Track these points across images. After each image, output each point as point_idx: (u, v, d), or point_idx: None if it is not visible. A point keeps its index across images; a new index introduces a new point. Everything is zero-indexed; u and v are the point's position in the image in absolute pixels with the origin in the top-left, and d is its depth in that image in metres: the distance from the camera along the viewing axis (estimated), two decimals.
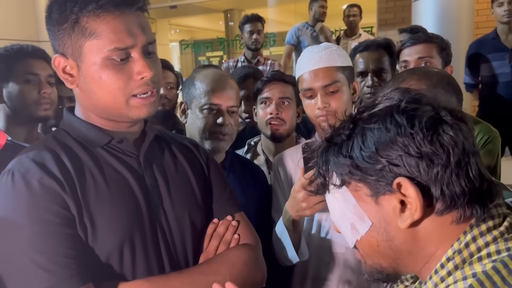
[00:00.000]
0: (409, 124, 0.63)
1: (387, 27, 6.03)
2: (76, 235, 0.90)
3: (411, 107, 0.64)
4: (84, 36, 0.91)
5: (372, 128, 0.65)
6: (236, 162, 1.62)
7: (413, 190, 0.62)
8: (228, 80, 1.56)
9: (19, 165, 0.92)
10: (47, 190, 0.89)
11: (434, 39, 1.95)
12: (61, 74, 0.96)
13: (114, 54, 0.91)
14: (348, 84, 1.45)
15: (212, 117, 1.50)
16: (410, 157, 0.62)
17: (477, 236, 0.63)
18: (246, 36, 3.82)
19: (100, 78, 0.92)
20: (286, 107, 1.79)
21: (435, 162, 0.62)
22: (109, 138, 1.00)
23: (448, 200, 0.62)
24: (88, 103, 0.99)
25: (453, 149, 0.61)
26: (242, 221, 1.14)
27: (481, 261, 0.61)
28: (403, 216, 0.65)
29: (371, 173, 0.65)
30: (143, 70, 0.93)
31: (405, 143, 0.62)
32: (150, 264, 0.99)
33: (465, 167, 0.62)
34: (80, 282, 0.87)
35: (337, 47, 1.48)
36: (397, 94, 0.67)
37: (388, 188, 0.64)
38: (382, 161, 0.64)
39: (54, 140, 0.99)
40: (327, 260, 1.44)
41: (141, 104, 0.96)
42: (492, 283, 0.58)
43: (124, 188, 0.97)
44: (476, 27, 4.72)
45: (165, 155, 1.09)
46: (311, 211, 1.26)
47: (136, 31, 0.93)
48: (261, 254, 1.12)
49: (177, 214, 1.04)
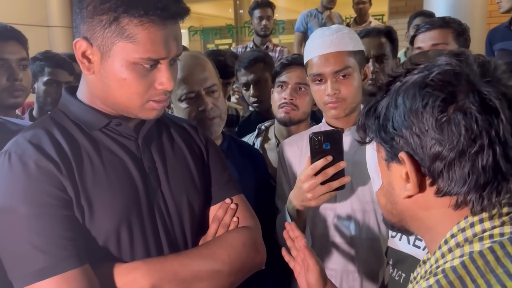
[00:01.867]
0: (423, 102, 0.62)
1: (398, 15, 5.95)
2: (73, 217, 0.90)
3: (436, 84, 0.62)
4: (120, 36, 0.89)
5: (395, 99, 0.66)
6: (233, 146, 1.60)
7: (410, 166, 0.64)
8: (197, 61, 1.48)
9: (16, 146, 0.91)
10: (43, 172, 0.89)
11: (450, 23, 1.86)
12: (79, 57, 0.94)
13: (145, 62, 0.91)
14: (359, 69, 1.40)
15: (193, 105, 1.44)
16: (415, 134, 0.63)
17: (485, 219, 0.62)
18: (255, 22, 3.80)
19: (123, 79, 0.91)
20: (302, 93, 1.74)
21: (437, 145, 0.61)
22: (107, 121, 0.98)
23: (446, 184, 0.62)
24: (99, 93, 0.97)
25: (459, 137, 0.59)
26: (241, 203, 1.13)
27: (481, 241, 0.61)
28: (404, 187, 0.66)
29: (386, 141, 0.68)
30: (166, 83, 0.93)
31: (414, 121, 0.62)
32: (148, 246, 0.98)
33: (474, 156, 0.60)
34: (77, 263, 0.87)
35: (349, 30, 1.42)
36: (441, 60, 0.65)
37: (396, 159, 0.66)
38: (392, 132, 0.65)
39: (52, 121, 0.98)
40: (330, 249, 1.43)
41: (154, 108, 0.96)
42: (485, 262, 0.57)
43: (121, 171, 0.97)
44: (489, 16, 4.63)
45: (164, 138, 1.08)
46: (316, 202, 1.24)
47: (171, 44, 0.92)
48: (260, 237, 1.12)
49: (175, 196, 1.04)
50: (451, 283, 0.57)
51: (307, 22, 4.68)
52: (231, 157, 1.53)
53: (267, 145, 1.88)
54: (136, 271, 0.93)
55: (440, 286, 0.58)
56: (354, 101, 1.38)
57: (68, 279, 0.85)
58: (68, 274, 0.85)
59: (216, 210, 1.11)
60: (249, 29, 8.53)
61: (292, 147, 1.51)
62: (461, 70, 0.62)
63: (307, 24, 4.68)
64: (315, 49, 1.38)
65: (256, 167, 1.61)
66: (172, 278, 0.94)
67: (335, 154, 1.21)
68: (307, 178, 1.22)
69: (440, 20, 1.91)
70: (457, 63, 0.63)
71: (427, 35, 1.88)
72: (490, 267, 0.57)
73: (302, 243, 1.09)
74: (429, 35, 1.87)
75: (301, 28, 4.72)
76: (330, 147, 1.20)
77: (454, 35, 1.84)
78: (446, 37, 1.84)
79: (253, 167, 1.59)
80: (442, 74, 0.62)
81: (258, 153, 1.69)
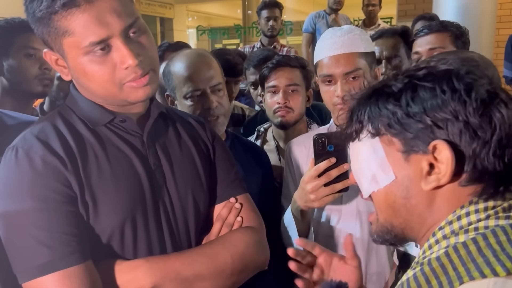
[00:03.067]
0: (466, 91, 0.62)
1: (407, 18, 5.92)
2: (78, 213, 0.90)
3: (470, 76, 0.64)
4: (60, 35, 0.88)
5: (425, 87, 0.65)
6: (237, 144, 1.59)
7: (449, 154, 0.62)
8: (203, 59, 1.47)
9: (23, 142, 0.91)
10: (49, 168, 0.89)
11: (448, 27, 1.85)
12: (55, 67, 0.95)
13: (92, 48, 0.88)
14: (370, 71, 1.39)
15: (198, 103, 1.44)
16: (456, 123, 0.62)
17: (471, 212, 0.64)
18: (262, 22, 3.80)
19: (86, 73, 0.90)
20: (294, 94, 1.72)
21: (479, 135, 0.62)
22: (112, 117, 0.98)
23: (477, 174, 0.63)
24: (84, 91, 0.98)
25: (500, 127, 0.61)
26: (246, 203, 1.12)
27: (467, 233, 0.62)
28: (429, 179, 0.65)
29: (410, 130, 0.66)
30: (126, 59, 0.89)
31: (456, 109, 0.62)
32: (151, 244, 0.98)
33: (505, 148, 0.62)
34: (81, 259, 0.87)
35: (361, 31, 1.40)
36: (457, 61, 0.67)
37: (423, 148, 0.65)
38: (427, 120, 0.64)
39: (59, 117, 0.98)
40: (335, 250, 1.42)
41: (134, 87, 0.93)
42: (467, 252, 0.59)
43: (127, 167, 0.96)
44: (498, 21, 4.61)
45: (170, 134, 1.07)
46: (319, 203, 1.24)
47: (109, 19, 0.87)
48: (264, 237, 1.11)
49: (180, 194, 1.03)
50: (433, 270, 0.60)
51: (315, 23, 4.68)
52: (234, 155, 1.52)
53: (266, 146, 1.87)
54: (138, 269, 0.92)
55: (423, 273, 0.60)
56: None
57: (71, 274, 0.85)
58: (71, 270, 0.85)
59: (221, 209, 1.10)
60: (257, 30, 8.54)
61: (300, 147, 1.51)
62: (476, 68, 0.66)
63: (315, 25, 4.68)
64: (326, 50, 1.37)
65: (261, 166, 1.60)
66: (173, 277, 0.94)
67: (339, 156, 1.20)
68: (310, 179, 1.22)
69: (438, 24, 1.90)
70: (467, 62, 0.68)
71: (424, 39, 1.87)
72: (472, 256, 0.58)
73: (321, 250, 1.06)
74: (426, 39, 1.86)
75: (309, 29, 4.71)
76: (334, 149, 1.20)
77: (451, 39, 1.82)
78: (444, 41, 1.82)
79: (258, 166, 1.58)
80: (468, 71, 0.65)
81: (262, 152, 1.69)
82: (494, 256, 0.57)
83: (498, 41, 5.05)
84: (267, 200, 1.52)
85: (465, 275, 0.56)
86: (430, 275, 0.60)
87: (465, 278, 0.56)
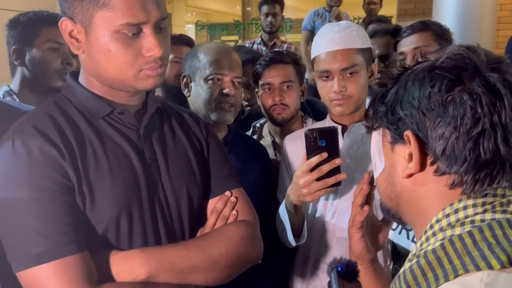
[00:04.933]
0: (431, 82, 0.65)
1: (407, 18, 5.93)
2: (74, 204, 0.90)
3: (445, 66, 0.65)
4: (96, 6, 0.88)
5: (405, 83, 0.69)
6: (238, 139, 1.60)
7: (415, 143, 0.66)
8: (233, 52, 1.56)
9: (19, 131, 0.91)
10: (46, 157, 0.88)
11: (430, 26, 1.89)
12: (67, 38, 0.94)
13: (126, 29, 0.89)
14: (366, 67, 1.39)
15: (217, 87, 1.49)
16: (421, 114, 0.66)
17: (469, 206, 0.65)
18: (262, 18, 3.81)
19: (108, 50, 0.90)
20: (289, 91, 1.72)
21: (443, 125, 0.64)
22: (111, 109, 0.98)
23: (447, 162, 0.65)
24: (93, 70, 0.97)
25: (463, 117, 0.62)
26: (241, 197, 1.13)
27: (463, 226, 0.63)
28: (406, 167, 0.69)
29: (392, 122, 0.71)
30: (153, 48, 0.91)
31: (421, 100, 0.66)
32: (147, 237, 0.98)
33: (476, 137, 0.62)
34: (77, 249, 0.87)
35: (358, 27, 1.41)
36: (450, 49, 0.68)
37: (401, 139, 0.69)
38: (400, 113, 0.69)
39: (55, 107, 0.98)
40: (330, 244, 1.43)
41: (148, 75, 0.94)
42: (463, 245, 0.60)
43: (123, 161, 0.97)
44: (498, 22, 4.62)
45: (165, 128, 1.08)
46: (312, 198, 1.24)
47: (150, 7, 0.90)
48: (258, 231, 1.11)
49: (174, 188, 1.03)
50: (429, 263, 0.61)
51: (314, 21, 4.68)
52: (234, 150, 1.54)
53: (262, 142, 1.87)
54: (134, 259, 0.93)
55: (419, 265, 0.61)
56: (360, 99, 1.38)
57: (67, 264, 0.85)
58: (66, 260, 0.85)
59: (215, 203, 1.10)
60: (256, 26, 8.52)
61: (295, 142, 1.51)
62: (469, 56, 0.65)
63: (314, 23, 4.67)
64: (323, 45, 1.37)
65: (260, 161, 1.61)
66: (169, 268, 0.94)
67: (331, 151, 1.20)
68: (302, 174, 1.22)
69: (420, 24, 1.93)
70: (466, 51, 0.66)
71: (408, 39, 1.89)
72: (467, 249, 0.59)
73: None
74: (410, 39, 1.88)
75: (308, 26, 4.71)
76: (325, 144, 1.20)
77: (434, 37, 1.85)
78: (427, 40, 1.84)
79: (257, 161, 1.59)
80: (451, 58, 0.66)
81: (262, 148, 1.69)
82: (489, 250, 0.57)
83: (498, 42, 5.06)
84: (266, 195, 1.53)
85: (461, 268, 0.57)
86: (426, 267, 0.60)
87: (460, 271, 0.57)
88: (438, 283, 0.58)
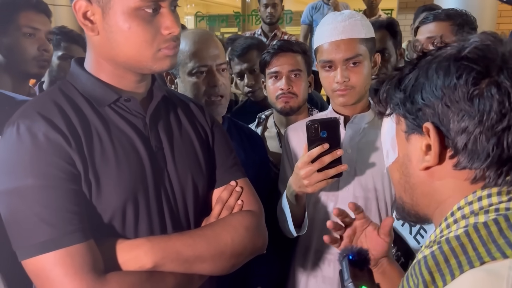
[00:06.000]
0: (457, 74, 0.62)
1: (408, 10, 5.91)
2: (80, 191, 0.89)
3: (472, 57, 0.63)
4: None
5: (426, 70, 0.67)
6: (233, 128, 1.58)
7: (435, 136, 0.64)
8: (211, 37, 1.48)
9: (24, 117, 0.90)
10: (52, 144, 0.88)
11: (452, 16, 1.82)
12: (80, 19, 0.92)
13: (146, 5, 0.89)
14: (370, 57, 1.38)
15: (203, 80, 1.43)
16: (445, 106, 0.63)
17: (493, 194, 0.64)
18: (262, 9, 3.81)
19: (128, 28, 0.89)
20: (297, 79, 1.71)
21: (467, 118, 0.62)
22: (117, 96, 0.97)
23: (468, 157, 0.63)
24: (107, 52, 0.95)
25: (490, 112, 0.60)
26: (246, 187, 1.13)
27: (487, 214, 0.62)
28: (422, 159, 0.67)
29: (411, 112, 0.68)
30: (172, 26, 0.92)
31: (446, 91, 0.63)
32: (152, 225, 0.98)
33: (501, 132, 0.61)
34: (82, 238, 0.86)
35: (362, 16, 1.39)
36: (473, 39, 0.66)
37: (419, 130, 0.67)
38: (420, 103, 0.66)
39: (60, 93, 0.97)
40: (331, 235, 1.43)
41: (166, 55, 0.94)
42: (488, 232, 0.59)
43: (129, 149, 0.96)
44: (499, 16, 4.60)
45: (171, 117, 1.07)
46: (312, 189, 1.24)
47: None
48: (263, 221, 1.11)
49: (180, 177, 1.03)
50: (453, 249, 0.59)
51: (312, 15, 4.65)
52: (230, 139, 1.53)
53: (267, 133, 1.87)
54: (139, 248, 0.92)
55: (441, 252, 0.60)
56: (363, 89, 1.37)
57: (72, 253, 0.85)
58: (72, 248, 0.85)
59: (220, 192, 1.10)
60: (257, 18, 8.48)
61: (297, 133, 1.51)
62: (496, 47, 0.63)
63: (312, 17, 4.65)
64: (326, 35, 1.36)
65: (256, 150, 1.60)
66: (174, 258, 0.94)
67: (332, 142, 1.20)
68: (303, 165, 1.22)
69: (442, 12, 1.87)
70: (493, 40, 0.64)
71: (426, 27, 1.84)
72: (493, 237, 0.58)
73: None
74: (427, 27, 1.84)
75: (307, 20, 4.69)
76: (327, 135, 1.20)
77: (453, 28, 1.79)
78: (443, 30, 1.78)
79: (252, 150, 1.58)
80: (478, 48, 0.63)
81: (257, 137, 1.68)
82: None
83: None
84: (261, 183, 1.51)
85: (486, 256, 0.56)
86: (449, 254, 0.59)
87: (486, 258, 0.56)
88: (462, 269, 0.57)
